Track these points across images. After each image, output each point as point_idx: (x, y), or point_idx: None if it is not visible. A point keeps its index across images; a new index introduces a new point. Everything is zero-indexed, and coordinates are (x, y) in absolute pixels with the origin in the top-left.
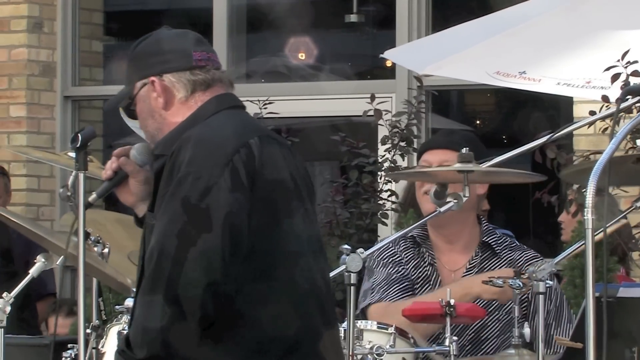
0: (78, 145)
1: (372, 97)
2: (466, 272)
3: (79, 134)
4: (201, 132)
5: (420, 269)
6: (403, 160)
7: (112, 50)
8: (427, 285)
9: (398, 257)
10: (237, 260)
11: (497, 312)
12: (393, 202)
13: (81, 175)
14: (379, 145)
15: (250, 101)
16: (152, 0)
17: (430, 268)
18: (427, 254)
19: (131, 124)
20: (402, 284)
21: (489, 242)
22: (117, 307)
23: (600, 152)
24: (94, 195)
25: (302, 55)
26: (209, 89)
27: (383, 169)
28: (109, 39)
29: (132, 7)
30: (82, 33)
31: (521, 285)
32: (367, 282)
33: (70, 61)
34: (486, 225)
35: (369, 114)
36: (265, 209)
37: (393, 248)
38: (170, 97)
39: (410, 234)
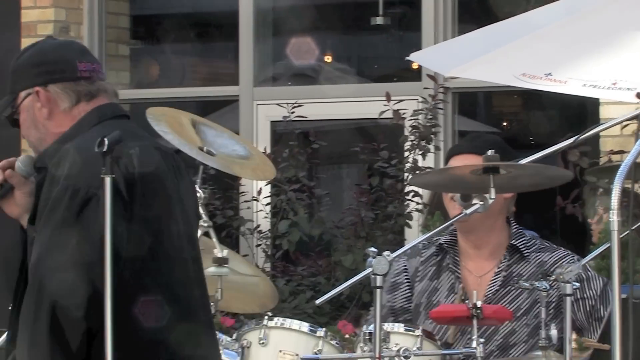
0: (105, 150)
1: (388, 97)
2: (494, 277)
3: (106, 138)
4: (79, 143)
5: (442, 280)
6: (424, 159)
7: (138, 54)
8: (452, 294)
9: (401, 276)
10: (117, 270)
11: (525, 317)
12: (417, 203)
13: (107, 179)
14: (402, 147)
15: (278, 104)
16: (178, 4)
17: (453, 276)
18: (451, 262)
19: (157, 128)
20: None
21: (518, 245)
22: None
23: (623, 153)
24: None
25: (328, 58)
26: (93, 99)
27: (405, 169)
28: (135, 43)
29: (158, 10)
30: (109, 37)
31: (548, 287)
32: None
33: None
34: (515, 227)
35: (385, 115)
36: (145, 220)
37: (405, 265)
38: (54, 107)
39: (437, 242)
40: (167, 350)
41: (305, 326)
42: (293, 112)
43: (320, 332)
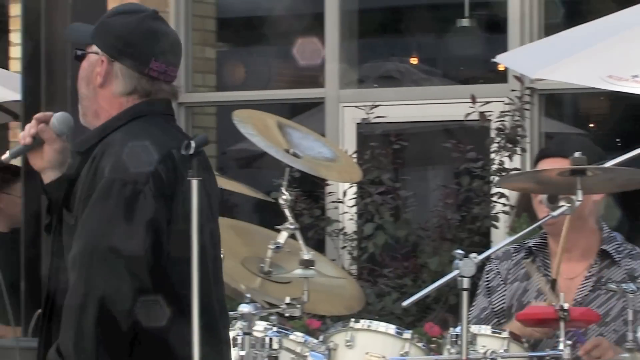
0: (191, 152)
1: (473, 99)
2: (584, 281)
3: (192, 141)
4: (124, 137)
5: (532, 282)
6: (511, 161)
7: (225, 57)
8: (541, 296)
9: (495, 279)
10: (157, 269)
11: (613, 323)
12: (504, 205)
13: (194, 182)
14: (488, 148)
15: (356, 107)
16: (264, 6)
17: (543, 278)
18: (542, 264)
19: (244, 130)
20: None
21: (609, 250)
22: (230, 312)
23: None
24: (6, 155)
25: (414, 60)
26: (147, 98)
27: (492, 171)
28: (222, 46)
29: (244, 13)
30: (195, 40)
31: (636, 289)
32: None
33: (183, 68)
34: (607, 231)
35: (470, 117)
36: (182, 221)
37: (497, 268)
38: (109, 82)
39: (527, 245)
40: (183, 349)
41: (391, 328)
42: (372, 113)
43: (407, 335)
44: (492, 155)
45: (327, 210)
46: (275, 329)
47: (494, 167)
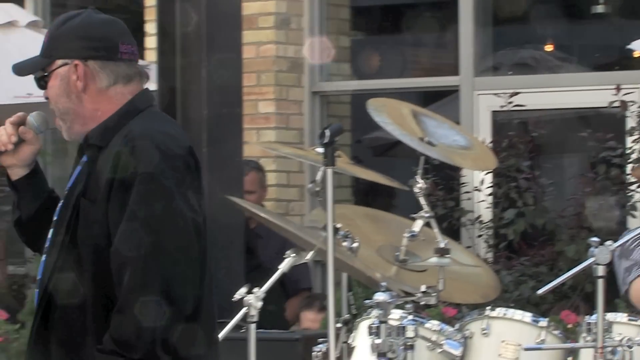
0: (326, 141)
1: (618, 88)
2: None
3: (327, 130)
4: (146, 129)
5: None
6: None
7: (359, 46)
8: None
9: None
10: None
11: None
12: None
13: (329, 171)
14: (626, 136)
15: (493, 94)
16: None
17: None
18: None
19: (378, 119)
20: None
21: None
22: (366, 301)
23: None
24: None
25: (549, 47)
26: (129, 82)
27: (630, 160)
28: (356, 34)
29: (379, 1)
30: (329, 29)
31: None
32: (625, 260)
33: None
34: None
35: (614, 105)
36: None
37: None
38: (91, 83)
39: None
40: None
41: (527, 316)
42: (510, 102)
43: (543, 323)
44: (631, 144)
45: (461, 200)
46: (411, 317)
47: (634, 155)
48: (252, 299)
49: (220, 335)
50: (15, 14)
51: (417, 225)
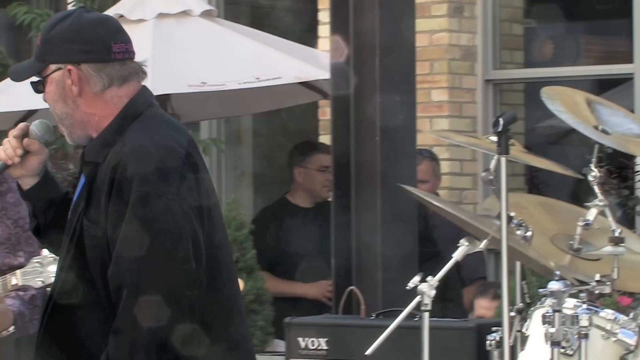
0: (499, 129)
1: None
2: None
3: (500, 118)
4: (141, 143)
5: None
6: None
7: (532, 33)
8: None
9: None
10: (200, 269)
11: None
12: None
13: (503, 160)
14: None
15: None
16: None
17: None
18: None
19: (552, 107)
20: None
21: None
22: (540, 290)
23: None
24: None
25: None
26: (125, 83)
27: None
28: (529, 22)
29: None
30: (503, 16)
31: None
32: None
33: (490, 45)
34: None
35: None
36: (206, 216)
37: None
38: (85, 87)
39: None
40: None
41: None
42: None
43: None
44: None
45: (635, 189)
46: (585, 306)
47: None
48: (426, 287)
49: (394, 323)
50: (189, 3)
51: (592, 214)
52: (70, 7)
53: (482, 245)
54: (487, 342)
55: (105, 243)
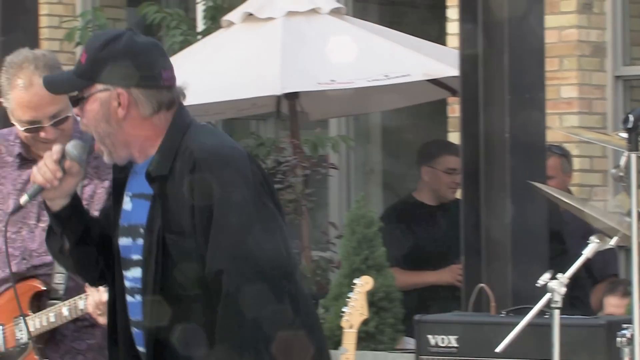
0: (629, 126)
1: None
2: None
3: (630, 115)
4: (207, 142)
5: None
6: None
7: None
8: None
9: None
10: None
11: None
12: None
13: (633, 156)
14: None
15: None
16: None
17: None
18: None
19: None
20: None
21: None
22: None
23: None
24: (25, 198)
25: None
26: (172, 108)
27: None
28: None
29: None
30: (633, 12)
31: None
32: None
33: (620, 41)
34: None
35: None
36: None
37: None
38: (133, 111)
39: None
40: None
41: None
42: None
43: None
44: None
45: None
46: None
47: None
48: (556, 284)
49: (524, 320)
50: (318, 1)
51: None
52: (199, 7)
53: (612, 242)
54: (618, 339)
55: (195, 249)
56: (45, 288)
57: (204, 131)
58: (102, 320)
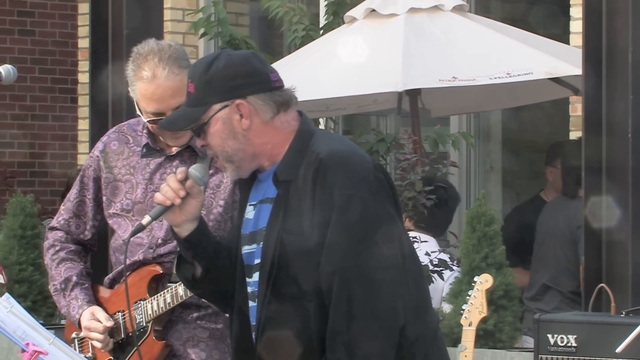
0: None
1: None
2: None
3: None
4: (334, 148)
5: None
6: None
7: None
8: None
9: None
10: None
11: None
12: None
13: None
14: None
15: None
16: None
17: None
18: None
19: None
20: None
21: None
22: None
23: None
24: (148, 219)
25: None
26: (289, 108)
27: None
28: None
29: None
30: None
31: None
32: None
33: None
34: None
35: None
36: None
37: None
38: (256, 118)
39: None
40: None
41: None
42: None
43: None
44: None
45: None
46: None
47: None
48: None
49: None
50: None
51: None
52: (321, 2)
53: None
54: None
55: (312, 250)
56: (162, 272)
57: (331, 137)
58: None
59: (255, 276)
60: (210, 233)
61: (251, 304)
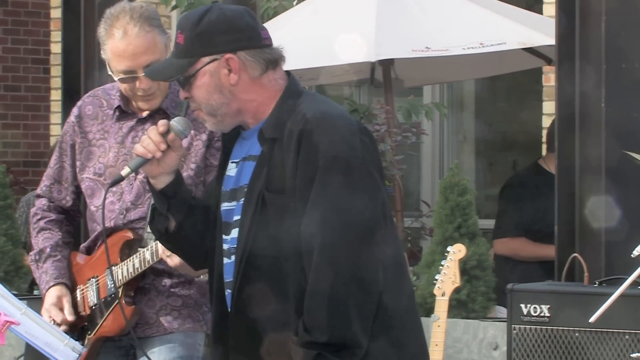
0: None
1: None
2: None
3: None
4: (320, 109)
5: None
6: None
7: None
8: None
9: None
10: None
11: None
12: None
13: None
14: None
15: None
16: None
17: None
18: None
19: None
20: None
21: None
22: None
23: None
24: (127, 170)
25: None
26: (278, 66)
27: None
28: None
29: None
30: None
31: None
32: None
33: None
34: None
35: None
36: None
37: None
38: (244, 74)
39: None
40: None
41: None
42: None
43: None
44: None
45: None
46: None
47: None
48: None
49: (618, 291)
50: None
51: None
52: None
53: None
54: None
55: (293, 209)
56: (134, 237)
57: (319, 99)
58: (170, 261)
59: (234, 232)
60: (186, 187)
61: (226, 260)
